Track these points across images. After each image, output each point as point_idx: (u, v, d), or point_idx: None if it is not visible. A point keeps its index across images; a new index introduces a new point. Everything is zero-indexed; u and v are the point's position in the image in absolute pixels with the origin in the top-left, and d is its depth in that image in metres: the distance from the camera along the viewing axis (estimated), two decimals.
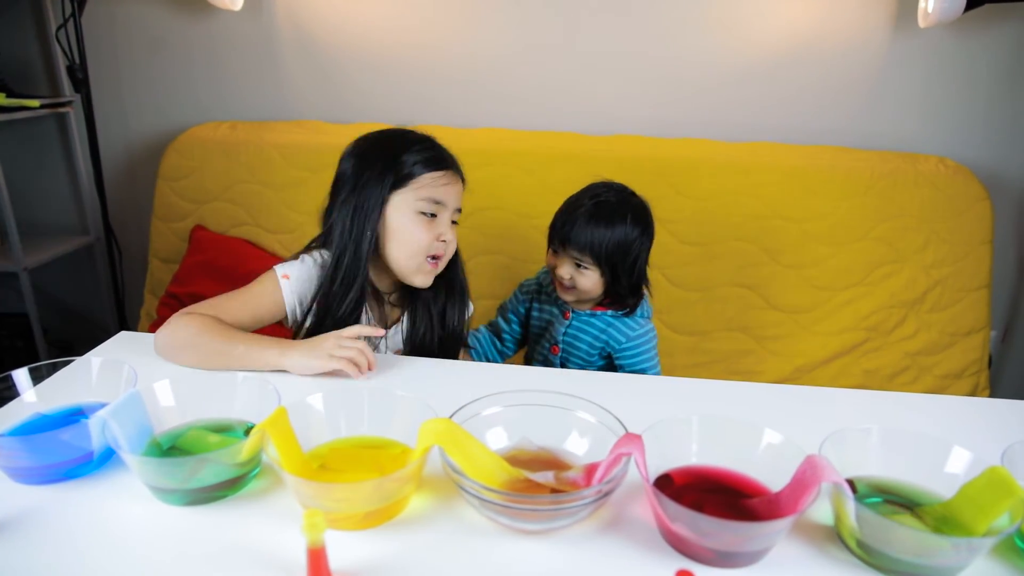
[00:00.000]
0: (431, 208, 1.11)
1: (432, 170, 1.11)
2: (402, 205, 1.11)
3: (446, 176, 1.12)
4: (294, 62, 2.06)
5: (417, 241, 1.11)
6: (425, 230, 1.11)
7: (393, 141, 1.14)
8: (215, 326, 1.01)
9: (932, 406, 1.00)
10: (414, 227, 1.11)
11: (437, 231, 1.12)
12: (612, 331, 1.38)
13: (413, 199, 1.11)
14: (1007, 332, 2.14)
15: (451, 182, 1.13)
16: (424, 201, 1.11)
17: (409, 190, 1.11)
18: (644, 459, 0.67)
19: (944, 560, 0.63)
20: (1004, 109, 1.92)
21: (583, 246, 1.29)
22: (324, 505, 0.67)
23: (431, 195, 1.11)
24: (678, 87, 1.97)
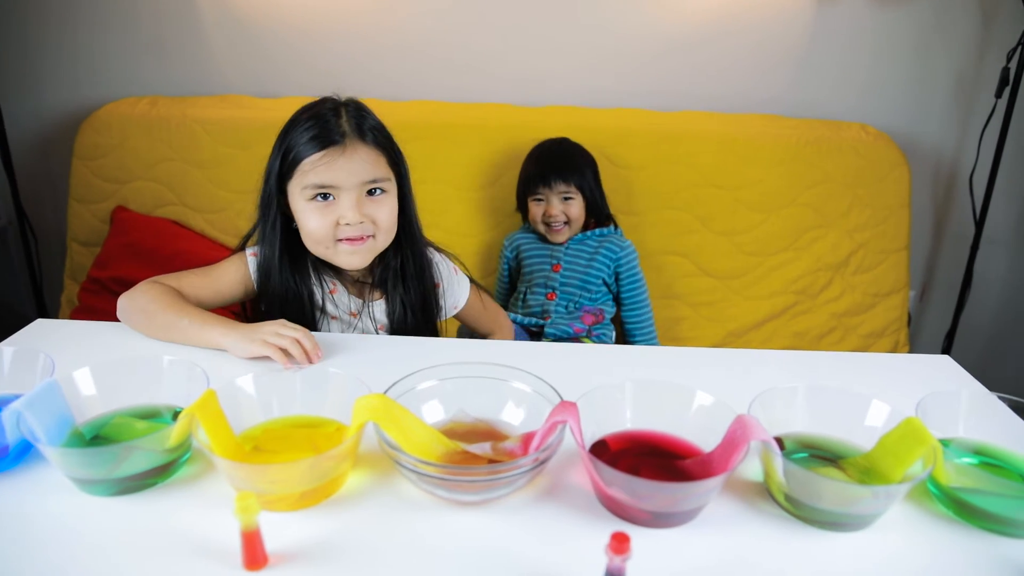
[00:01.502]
0: (317, 191, 1.04)
1: (312, 152, 1.03)
2: (296, 194, 1.06)
3: (328, 154, 1.03)
4: (217, 33, 1.98)
5: (312, 231, 1.06)
6: (318, 219, 1.05)
7: (290, 122, 1.09)
8: (170, 298, 1.02)
9: (855, 364, 1.05)
10: (307, 216, 1.05)
11: (335, 214, 1.04)
12: (608, 244, 1.67)
13: (299, 188, 1.05)
14: (924, 291, 2.24)
15: (337, 158, 1.03)
16: (307, 189, 1.04)
17: (296, 177, 1.05)
18: (579, 426, 0.67)
19: (865, 508, 0.67)
20: (919, 78, 1.99)
21: (567, 177, 1.63)
22: (259, 487, 0.66)
23: (312, 180, 1.03)
24: (610, 58, 1.98)
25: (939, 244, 2.18)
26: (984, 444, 0.78)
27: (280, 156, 1.07)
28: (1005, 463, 0.76)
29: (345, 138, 1.04)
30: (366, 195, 1.06)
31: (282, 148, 1.07)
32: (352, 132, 1.05)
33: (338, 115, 1.06)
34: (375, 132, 1.08)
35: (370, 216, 1.06)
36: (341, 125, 1.05)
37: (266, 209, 1.10)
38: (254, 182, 1.85)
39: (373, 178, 1.06)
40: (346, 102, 1.10)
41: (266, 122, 1.88)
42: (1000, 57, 1.89)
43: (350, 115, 1.07)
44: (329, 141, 1.03)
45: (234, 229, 1.91)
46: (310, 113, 1.07)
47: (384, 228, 1.09)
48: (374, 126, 1.09)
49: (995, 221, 2.07)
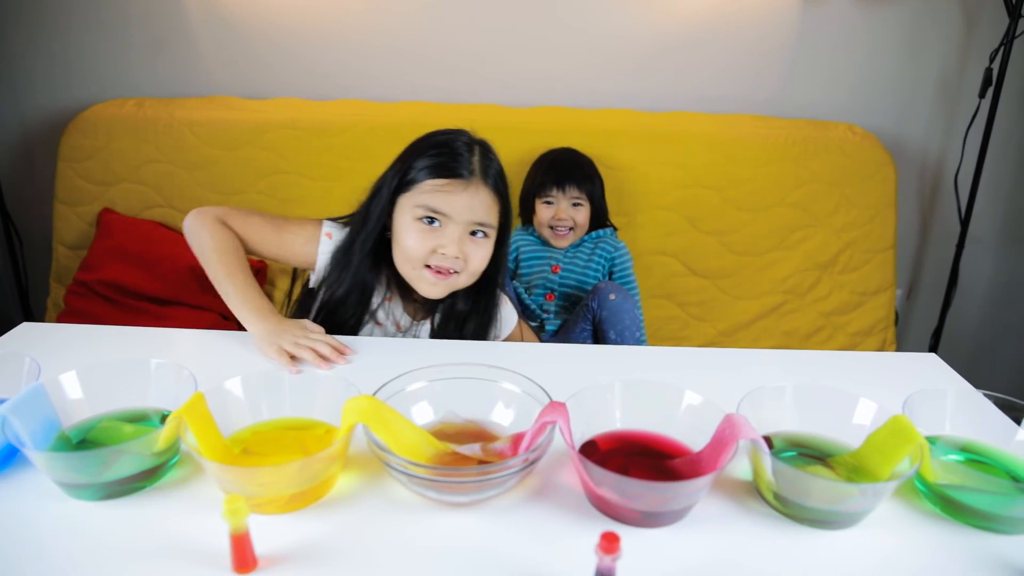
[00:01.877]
0: (427, 214, 1.05)
1: (436, 177, 1.05)
2: (405, 207, 1.07)
3: (452, 185, 1.04)
4: (204, 34, 1.97)
5: (408, 248, 1.06)
6: (419, 238, 1.05)
7: (422, 142, 1.11)
8: (230, 251, 1.08)
9: (843, 362, 1.05)
10: (408, 232, 1.06)
11: (435, 241, 1.05)
12: (603, 244, 1.71)
13: (411, 204, 1.06)
14: (911, 290, 2.26)
15: (458, 192, 1.04)
16: (419, 208, 1.05)
17: (411, 195, 1.06)
18: (569, 427, 0.68)
19: (853, 506, 0.67)
20: (904, 78, 2.01)
21: (580, 184, 1.68)
22: (248, 490, 0.65)
23: (425, 202, 1.05)
24: (600, 59, 1.98)
25: (925, 243, 2.20)
26: (970, 441, 0.79)
27: (402, 170, 1.08)
28: (991, 460, 0.77)
29: (472, 175, 1.06)
30: (469, 234, 1.07)
31: (405, 163, 1.08)
32: (479, 171, 1.07)
33: (471, 151, 1.08)
34: (497, 178, 1.10)
35: (465, 254, 1.07)
36: (472, 162, 1.07)
37: (373, 211, 1.10)
38: (240, 183, 1.86)
39: (482, 221, 1.07)
40: (480, 141, 1.11)
41: (254, 124, 1.87)
42: (983, 58, 1.91)
43: (481, 155, 1.09)
44: (456, 173, 1.05)
45: None
46: (444, 139, 1.09)
47: (472, 270, 1.09)
48: (498, 171, 1.10)
49: (980, 220, 2.09)
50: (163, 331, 1.05)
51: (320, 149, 1.87)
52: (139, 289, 1.76)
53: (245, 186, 1.88)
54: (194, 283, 1.76)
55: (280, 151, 1.87)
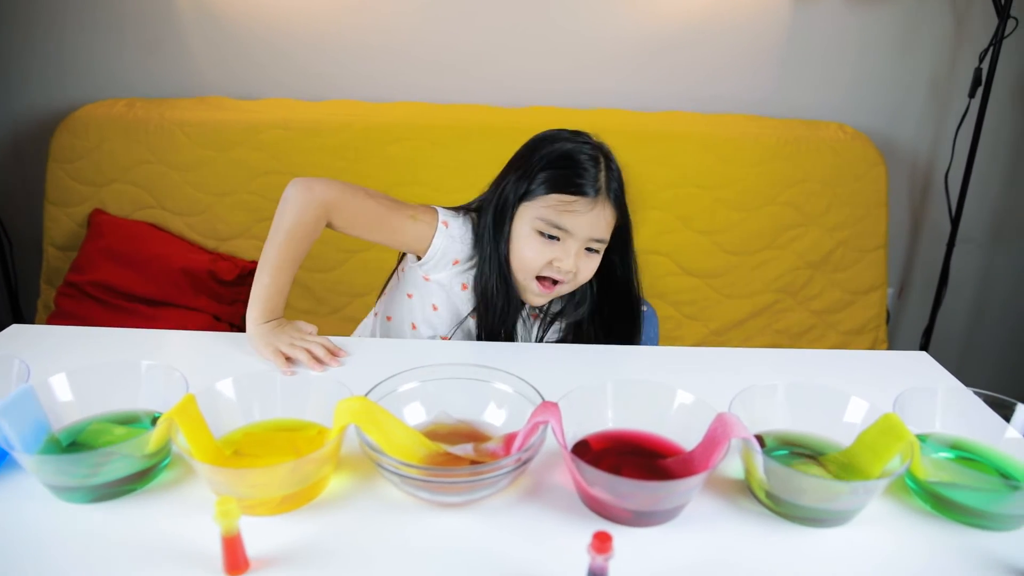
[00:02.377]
0: (548, 230, 1.03)
1: (561, 192, 1.02)
2: (525, 216, 1.05)
3: (578, 203, 1.02)
4: (196, 34, 1.96)
5: (525, 258, 1.05)
6: (536, 250, 1.04)
7: (544, 148, 1.07)
8: (299, 242, 1.02)
9: (835, 361, 1.06)
10: (525, 243, 1.05)
11: (552, 255, 1.04)
12: None
13: (533, 215, 1.04)
14: (902, 289, 2.27)
15: (584, 211, 1.02)
16: (541, 221, 1.03)
17: (533, 205, 1.04)
18: (561, 426, 0.68)
19: (845, 504, 0.67)
20: (895, 78, 2.01)
21: None
22: (239, 491, 0.65)
23: (549, 217, 1.03)
24: (591, 58, 1.98)
25: (916, 242, 2.21)
26: (960, 439, 0.79)
27: (527, 179, 1.05)
28: (981, 457, 0.77)
29: (598, 194, 1.03)
30: (585, 250, 1.06)
31: (529, 172, 1.06)
32: (605, 189, 1.04)
33: (597, 165, 1.05)
34: (619, 192, 1.08)
35: (576, 268, 1.06)
36: (599, 179, 1.04)
37: (500, 224, 1.08)
38: (232, 184, 1.86)
39: (601, 237, 1.06)
40: (604, 150, 1.09)
41: (246, 124, 1.87)
42: (972, 58, 1.92)
43: (606, 168, 1.06)
44: (582, 191, 1.03)
45: (214, 232, 1.89)
46: (569, 149, 1.06)
47: (578, 281, 1.09)
48: (620, 183, 1.08)
49: (970, 219, 2.10)
50: (154, 332, 1.05)
51: (313, 149, 1.86)
52: (130, 290, 1.75)
53: (237, 187, 1.88)
54: (186, 284, 1.76)
55: (272, 151, 1.86)
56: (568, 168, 1.04)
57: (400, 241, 1.10)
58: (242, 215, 1.89)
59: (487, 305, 1.10)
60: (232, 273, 1.81)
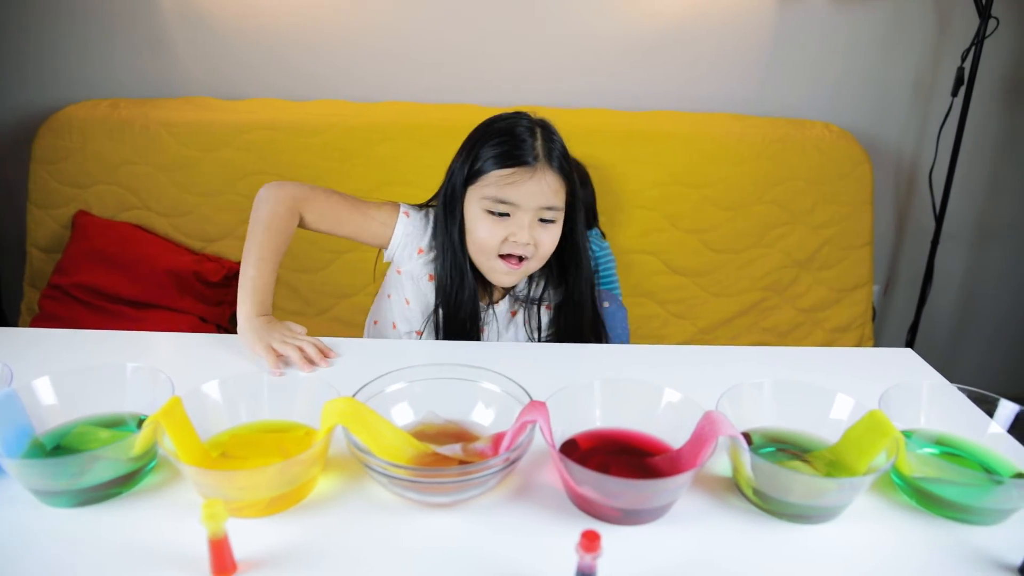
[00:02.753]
0: (496, 207, 1.05)
1: (501, 167, 1.04)
2: (473, 200, 1.07)
3: (517, 174, 1.04)
4: (180, 33, 1.94)
5: (480, 240, 1.07)
6: (489, 229, 1.06)
7: (483, 130, 1.10)
8: (277, 237, 1.06)
9: (821, 358, 1.07)
10: (478, 224, 1.07)
11: (507, 231, 1.05)
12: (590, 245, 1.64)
13: (479, 196, 1.06)
14: (888, 286, 2.29)
15: (525, 180, 1.04)
16: (487, 200, 1.05)
17: (478, 186, 1.06)
18: (549, 426, 0.68)
19: (831, 500, 0.68)
20: (879, 78, 2.03)
21: None
22: (227, 494, 0.65)
23: (494, 194, 1.05)
24: (578, 58, 1.98)
25: (901, 239, 2.23)
26: (945, 434, 0.80)
27: (468, 162, 1.07)
28: (965, 452, 0.78)
29: (536, 161, 1.05)
30: (538, 221, 1.07)
31: (470, 155, 1.08)
32: (543, 156, 1.06)
33: (533, 135, 1.07)
34: (562, 159, 1.08)
35: (536, 240, 1.07)
36: (535, 147, 1.06)
37: (450, 211, 1.10)
38: (218, 185, 1.85)
39: (551, 205, 1.07)
40: (540, 122, 1.10)
41: (233, 125, 1.86)
42: (955, 58, 1.93)
43: (544, 138, 1.08)
44: (520, 161, 1.04)
45: (201, 233, 1.88)
46: (504, 126, 1.08)
47: (542, 254, 1.10)
48: (562, 152, 1.09)
49: (954, 216, 2.12)
50: (139, 335, 1.04)
51: (300, 149, 1.85)
52: (116, 292, 1.74)
53: (223, 187, 1.87)
54: (171, 286, 1.74)
55: (259, 152, 1.85)
56: (504, 144, 1.06)
57: (368, 231, 1.14)
58: (228, 216, 1.88)
59: (446, 295, 1.12)
60: (218, 274, 1.80)
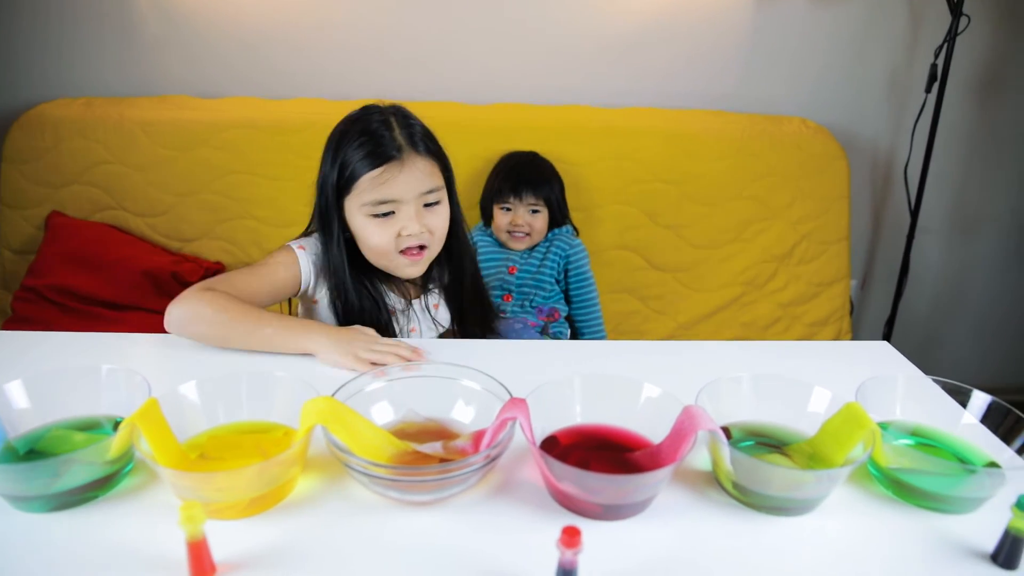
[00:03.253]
0: (378, 209, 1.04)
1: (370, 169, 1.03)
2: (353, 209, 1.06)
3: (388, 170, 1.03)
4: (155, 32, 1.92)
5: (376, 246, 1.06)
6: (379, 233, 1.05)
7: (338, 137, 1.08)
8: (240, 305, 0.98)
9: (799, 352, 1.08)
10: (368, 232, 1.06)
11: (396, 227, 1.05)
12: (557, 242, 1.70)
13: (358, 205, 1.05)
14: (865, 280, 2.31)
15: (396, 174, 1.03)
16: (367, 206, 1.04)
17: (354, 195, 1.05)
18: (529, 422, 0.68)
19: (810, 492, 0.68)
20: (856, 73, 2.05)
21: (538, 190, 1.68)
22: (205, 495, 0.64)
23: (371, 198, 1.04)
24: (557, 56, 1.98)
25: (878, 234, 2.26)
26: (920, 426, 0.81)
27: (336, 172, 1.06)
28: (940, 443, 0.79)
29: (402, 152, 1.04)
30: (424, 207, 1.07)
31: (336, 163, 1.06)
32: (407, 144, 1.05)
33: (389, 127, 1.06)
34: (427, 141, 1.08)
35: (428, 227, 1.07)
36: (395, 138, 1.05)
37: (327, 225, 1.09)
38: (195, 184, 1.83)
39: (430, 188, 1.07)
40: (393, 110, 1.09)
41: (209, 123, 1.84)
42: (928, 54, 1.96)
43: (401, 126, 1.06)
44: (386, 157, 1.03)
45: (177, 233, 1.86)
46: (361, 127, 1.06)
47: (438, 237, 1.10)
48: (424, 134, 1.08)
49: (928, 211, 2.14)
50: (115, 336, 1.03)
51: (278, 148, 1.84)
52: (91, 294, 1.72)
53: (200, 187, 1.85)
54: (148, 287, 1.72)
55: (236, 151, 1.84)
56: (365, 145, 1.04)
57: (282, 283, 1.10)
58: (206, 215, 1.86)
59: (346, 312, 1.11)
60: (196, 274, 1.78)
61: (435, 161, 1.08)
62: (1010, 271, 2.31)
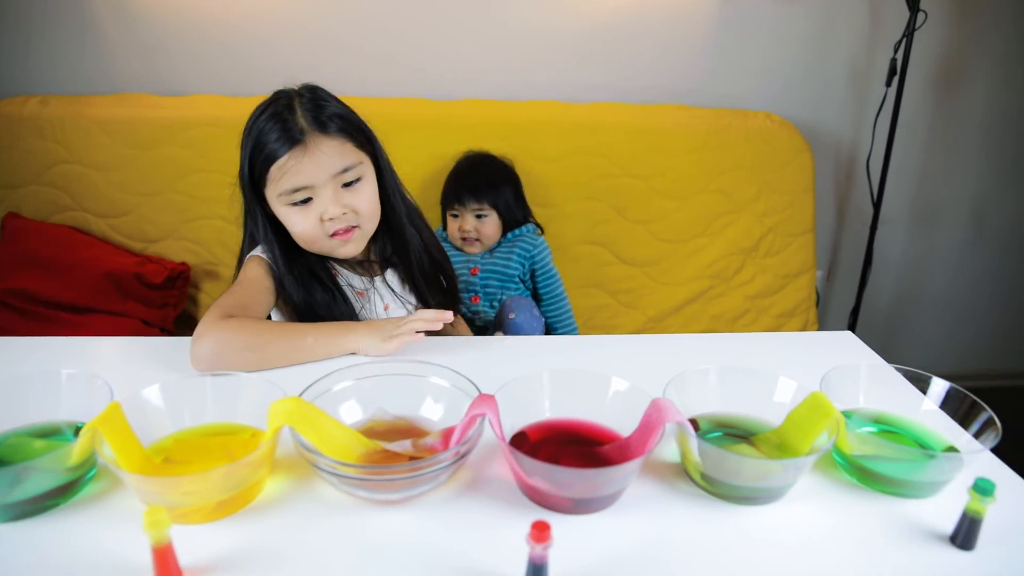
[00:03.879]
0: (293, 198, 1.01)
1: (277, 157, 0.99)
2: (273, 200, 1.04)
3: (292, 156, 0.99)
4: (112, 28, 1.88)
5: (302, 234, 1.04)
6: (302, 222, 1.03)
7: (247, 130, 1.05)
8: (266, 324, 0.96)
9: (766, 343, 1.09)
10: (292, 221, 1.04)
11: (317, 212, 1.02)
12: (521, 243, 1.68)
13: (274, 197, 1.03)
14: (831, 271, 2.35)
15: (301, 158, 0.99)
16: (282, 197, 1.02)
17: (269, 185, 1.02)
18: (499, 418, 0.68)
19: (777, 481, 0.69)
20: (819, 68, 2.08)
21: (481, 196, 1.65)
22: (171, 500, 0.63)
23: (283, 188, 1.01)
24: (523, 51, 1.98)
25: (842, 226, 2.29)
26: (883, 413, 0.83)
27: (248, 163, 1.03)
28: (901, 429, 0.81)
29: (305, 135, 1.00)
30: (342, 187, 1.04)
31: (248, 154, 1.03)
32: (311, 126, 1.01)
33: (292, 111, 1.01)
34: (335, 120, 1.03)
35: (351, 206, 1.04)
36: (298, 121, 1.00)
37: (252, 219, 1.07)
38: (158, 184, 1.80)
39: (343, 168, 1.02)
40: (300, 92, 1.05)
41: (171, 121, 1.80)
42: (888, 49, 1.99)
43: (305, 108, 1.02)
44: (291, 141, 0.99)
45: (141, 234, 1.83)
46: (267, 114, 1.02)
47: (367, 215, 1.06)
48: (334, 113, 1.04)
49: (891, 202, 2.19)
50: (76, 340, 1.01)
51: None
52: (51, 298, 1.68)
53: (163, 187, 1.81)
54: (111, 289, 1.69)
55: (200, 149, 1.81)
56: (268, 133, 1.01)
57: (268, 294, 1.07)
58: (170, 215, 1.83)
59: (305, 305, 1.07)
60: (161, 276, 1.75)
61: (348, 139, 1.04)
62: (969, 259, 2.37)
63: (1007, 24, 2.07)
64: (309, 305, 1.07)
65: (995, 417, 0.74)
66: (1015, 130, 2.20)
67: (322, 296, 1.08)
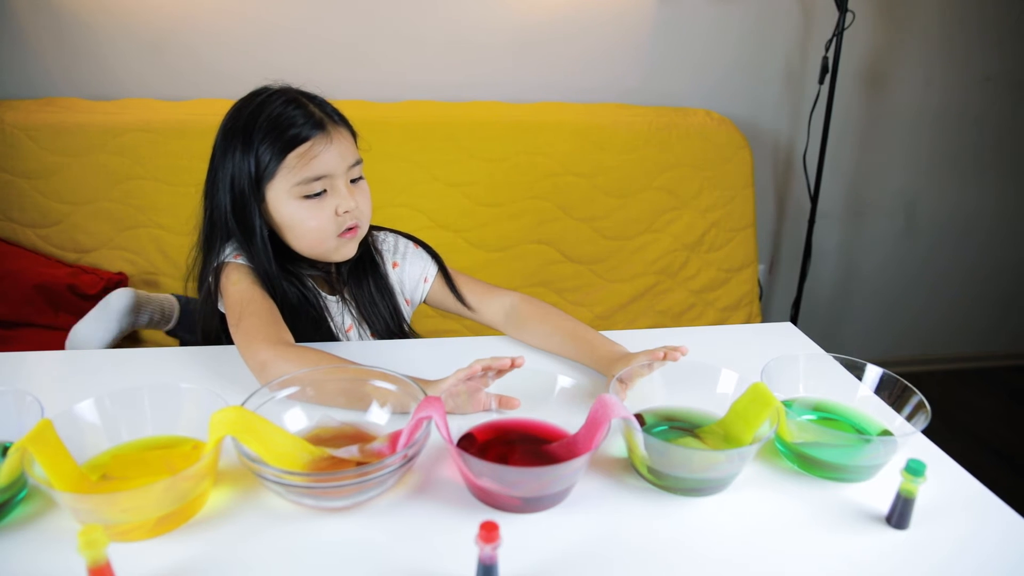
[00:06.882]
0: (312, 188, 0.96)
1: (294, 148, 0.95)
2: (280, 196, 0.97)
3: (315, 144, 0.95)
4: (34, 28, 1.80)
5: (314, 230, 0.98)
6: (317, 215, 0.97)
7: (248, 124, 0.97)
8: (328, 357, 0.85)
9: (710, 336, 1.11)
10: (303, 216, 0.97)
11: (333, 205, 0.97)
12: None
13: (287, 188, 0.96)
14: (772, 265, 2.42)
15: (327, 145, 0.96)
16: (299, 186, 0.95)
17: (279, 181, 0.96)
18: (445, 421, 0.67)
19: (721, 471, 0.71)
20: (755, 66, 2.14)
21: None
22: (109, 517, 0.61)
23: (304, 176, 0.95)
24: (464, 51, 1.98)
25: (782, 220, 2.36)
26: (822, 401, 0.85)
27: (253, 160, 0.96)
28: (840, 416, 0.83)
29: (324, 124, 0.97)
30: (351, 182, 1.00)
31: (251, 151, 0.96)
32: (325, 117, 0.98)
33: (300, 104, 0.98)
34: (337, 114, 1.02)
35: (358, 203, 1.00)
36: (313, 112, 0.97)
37: (246, 223, 0.99)
38: (91, 192, 1.73)
39: (356, 160, 1.01)
40: (290, 89, 1.02)
41: (103, 127, 1.74)
42: (820, 48, 2.06)
43: (313, 102, 1.00)
44: (316, 125, 0.96)
45: (74, 244, 1.76)
46: (269, 109, 0.97)
47: (367, 215, 1.03)
48: (333, 108, 1.03)
49: (827, 197, 2.26)
50: (3, 356, 0.96)
51: (179, 152, 1.76)
52: None
53: (96, 195, 1.75)
54: (42, 302, 1.62)
55: (135, 156, 1.75)
56: (281, 125, 0.96)
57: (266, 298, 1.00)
58: (104, 224, 1.76)
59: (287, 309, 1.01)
60: (96, 287, 1.69)
61: (351, 133, 1.03)
62: (901, 251, 2.47)
63: (932, 24, 2.16)
64: (292, 309, 1.02)
65: (924, 400, 0.77)
66: (941, 126, 2.30)
67: (301, 301, 1.03)
